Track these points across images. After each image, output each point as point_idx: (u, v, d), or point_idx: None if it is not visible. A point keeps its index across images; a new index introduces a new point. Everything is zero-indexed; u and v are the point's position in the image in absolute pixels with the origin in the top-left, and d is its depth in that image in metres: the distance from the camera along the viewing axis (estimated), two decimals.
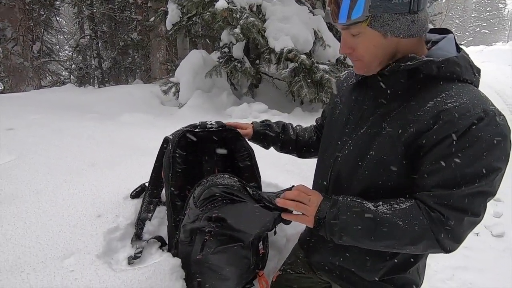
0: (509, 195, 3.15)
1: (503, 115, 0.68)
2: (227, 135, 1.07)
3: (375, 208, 0.72)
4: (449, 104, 0.68)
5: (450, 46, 0.76)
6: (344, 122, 0.86)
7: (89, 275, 0.84)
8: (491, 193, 0.69)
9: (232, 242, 0.88)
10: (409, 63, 0.72)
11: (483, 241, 2.47)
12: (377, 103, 0.78)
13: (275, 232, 1.17)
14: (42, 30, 7.59)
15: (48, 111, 2.73)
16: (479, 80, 0.76)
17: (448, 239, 0.68)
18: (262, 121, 1.15)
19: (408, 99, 0.74)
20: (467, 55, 0.75)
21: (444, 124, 0.67)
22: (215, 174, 0.85)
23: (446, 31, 0.81)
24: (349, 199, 0.75)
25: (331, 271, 0.91)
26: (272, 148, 1.16)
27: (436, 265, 2.18)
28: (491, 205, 3.00)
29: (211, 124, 1.04)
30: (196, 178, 0.98)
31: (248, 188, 0.83)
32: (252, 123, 1.12)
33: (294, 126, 1.17)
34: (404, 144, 0.71)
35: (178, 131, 1.01)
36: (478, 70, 0.76)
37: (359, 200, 0.74)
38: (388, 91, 0.76)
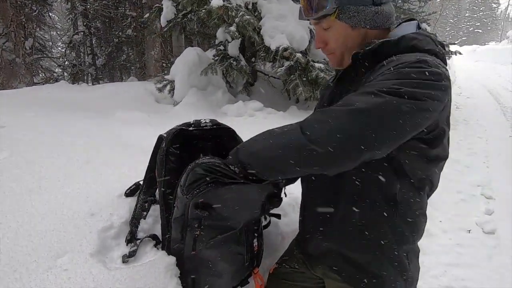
0: (500, 193, 3.21)
1: (442, 70, 0.68)
2: (222, 133, 1.07)
3: None
4: (391, 60, 0.72)
5: (410, 28, 0.80)
6: None
7: (83, 273, 0.83)
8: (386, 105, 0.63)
9: (223, 233, 0.89)
10: (367, 48, 0.76)
11: (474, 238, 2.51)
12: (348, 92, 0.79)
13: (266, 226, 1.18)
14: (35, 26, 7.48)
15: (40, 109, 2.70)
16: (442, 52, 0.76)
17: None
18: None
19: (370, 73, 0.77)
20: (426, 32, 0.78)
21: (380, 67, 0.72)
22: (197, 159, 0.86)
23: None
24: None
25: (324, 260, 0.90)
26: None
27: (429, 261, 2.21)
28: (483, 202, 3.05)
29: (205, 122, 1.04)
30: None
31: (231, 166, 0.83)
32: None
33: None
34: None
35: (172, 129, 1.00)
36: (442, 44, 0.78)
37: None
38: (356, 77, 0.80)
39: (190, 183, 0.82)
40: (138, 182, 1.18)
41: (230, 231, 0.91)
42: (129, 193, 1.16)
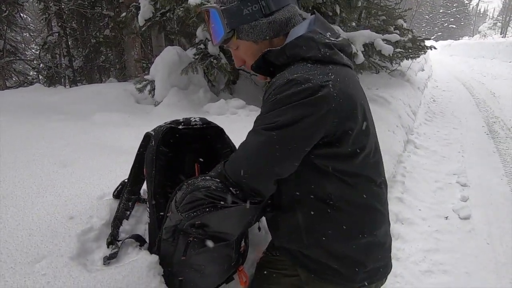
0: (474, 180, 3.36)
1: (313, 82, 0.71)
2: (211, 132, 1.07)
3: None
4: (272, 85, 0.77)
5: (300, 30, 0.81)
6: None
7: (62, 277, 0.82)
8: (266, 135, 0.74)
9: (216, 242, 0.89)
10: (256, 60, 0.83)
11: (451, 224, 2.63)
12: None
13: (259, 229, 1.19)
14: (5, 27, 7.16)
15: (14, 113, 2.60)
16: (329, 54, 0.77)
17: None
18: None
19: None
20: (314, 33, 0.78)
21: (268, 88, 0.78)
22: (196, 177, 0.84)
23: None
24: None
25: (289, 255, 0.93)
26: None
27: (410, 248, 2.30)
28: (458, 190, 3.19)
29: (195, 121, 1.02)
30: (178, 175, 0.98)
31: (231, 188, 0.82)
32: None
33: None
34: None
35: (161, 127, 0.98)
36: (326, 44, 0.78)
37: None
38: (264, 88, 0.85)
39: (187, 203, 0.80)
40: (124, 181, 1.16)
41: (223, 241, 0.90)
42: (117, 194, 1.13)
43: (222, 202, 0.80)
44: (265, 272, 1.07)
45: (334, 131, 0.75)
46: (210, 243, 0.87)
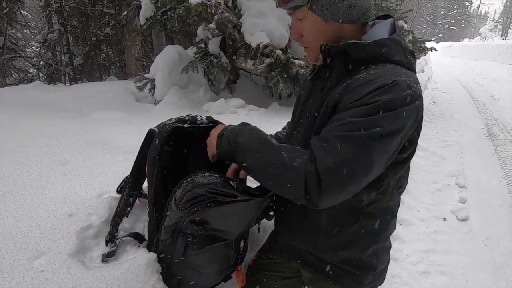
0: (473, 182, 3.37)
1: (413, 89, 0.68)
2: None
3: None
4: (360, 77, 0.71)
5: (384, 30, 0.78)
6: (298, 115, 0.90)
7: (61, 274, 0.82)
8: (371, 148, 0.65)
9: (216, 242, 0.89)
10: (336, 44, 0.76)
11: (449, 225, 2.64)
12: (326, 92, 0.81)
13: (258, 230, 1.20)
14: (6, 24, 7.15)
15: (14, 110, 2.60)
16: (411, 62, 0.77)
17: (315, 180, 0.65)
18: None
19: (346, 83, 0.75)
20: (401, 38, 0.77)
21: (350, 93, 0.70)
22: (195, 174, 0.83)
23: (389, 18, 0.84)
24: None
25: (296, 255, 0.93)
26: None
27: (407, 249, 2.31)
28: (457, 191, 3.20)
29: (201, 119, 0.99)
30: (181, 175, 0.94)
31: (230, 182, 0.83)
32: None
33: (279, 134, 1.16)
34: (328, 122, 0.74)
35: (166, 125, 0.96)
36: (411, 52, 0.78)
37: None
38: (334, 79, 0.80)
39: (187, 201, 0.79)
40: (127, 176, 1.13)
41: (223, 241, 0.90)
42: (120, 190, 1.12)
43: (223, 197, 0.79)
44: (260, 276, 1.06)
45: (409, 139, 0.73)
46: (209, 243, 0.86)
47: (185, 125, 0.96)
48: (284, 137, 1.12)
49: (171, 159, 0.96)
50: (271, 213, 0.99)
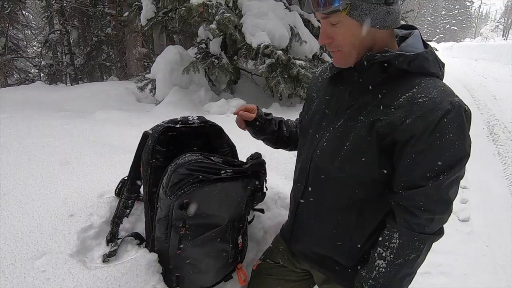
0: (474, 183, 3.36)
1: (466, 105, 0.74)
2: (209, 131, 1.06)
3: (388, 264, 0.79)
4: (419, 100, 0.72)
5: (418, 42, 0.80)
6: (320, 116, 0.89)
7: (62, 274, 0.82)
8: (462, 177, 0.76)
9: (209, 230, 0.90)
10: (383, 54, 0.75)
11: (450, 225, 2.62)
12: (353, 96, 0.81)
13: (251, 221, 1.20)
14: (7, 24, 7.17)
15: (16, 110, 2.60)
16: (443, 73, 0.81)
17: (436, 226, 0.79)
18: (266, 114, 1.13)
19: (382, 92, 0.77)
20: (433, 50, 0.79)
21: (416, 119, 0.71)
22: (177, 158, 0.87)
23: (410, 27, 0.85)
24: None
25: (312, 259, 0.94)
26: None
27: None
28: (458, 192, 3.19)
29: (192, 119, 1.01)
30: None
31: (212, 157, 0.85)
32: (257, 109, 1.09)
33: (287, 122, 1.16)
34: (378, 135, 0.75)
35: (158, 126, 0.98)
36: (443, 64, 0.81)
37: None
38: (363, 84, 0.79)
39: (173, 184, 0.82)
40: (123, 179, 1.16)
41: (216, 228, 0.92)
42: (118, 192, 1.13)
43: (207, 175, 0.83)
44: (264, 279, 1.06)
45: None
46: (203, 232, 0.89)
47: (177, 125, 0.99)
48: (294, 129, 1.14)
49: (164, 158, 0.97)
50: (259, 194, 1.00)
